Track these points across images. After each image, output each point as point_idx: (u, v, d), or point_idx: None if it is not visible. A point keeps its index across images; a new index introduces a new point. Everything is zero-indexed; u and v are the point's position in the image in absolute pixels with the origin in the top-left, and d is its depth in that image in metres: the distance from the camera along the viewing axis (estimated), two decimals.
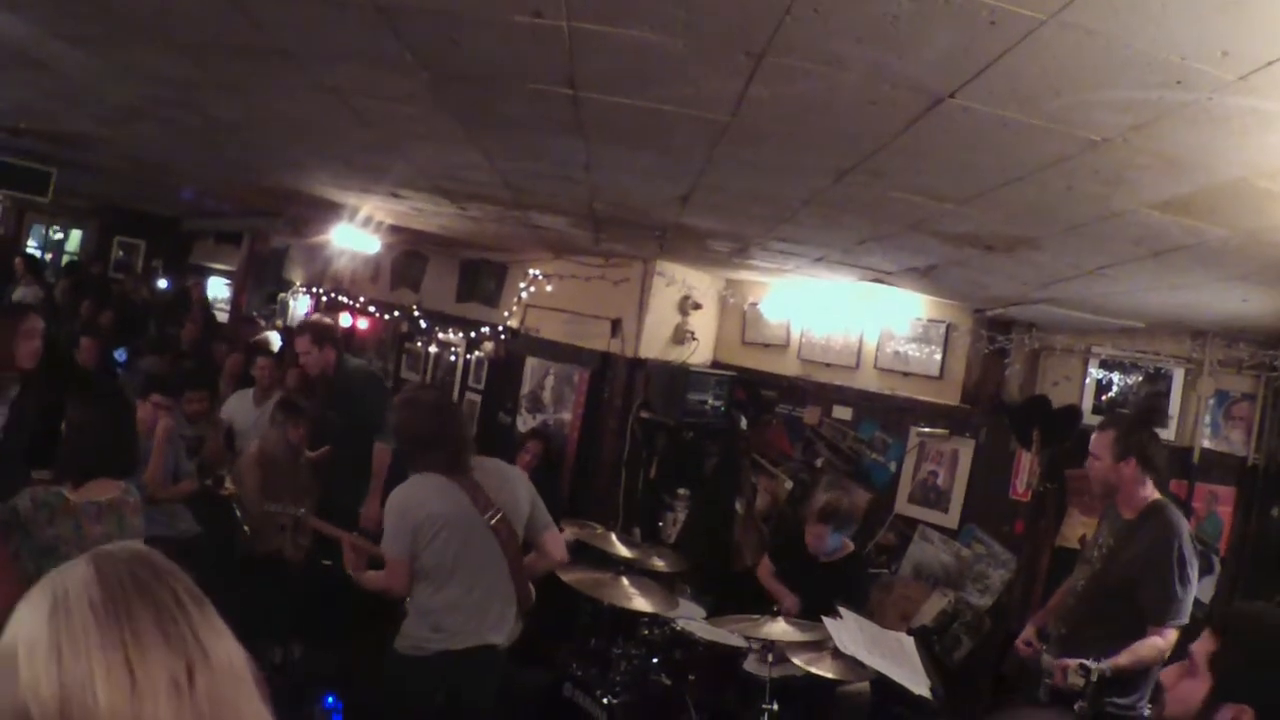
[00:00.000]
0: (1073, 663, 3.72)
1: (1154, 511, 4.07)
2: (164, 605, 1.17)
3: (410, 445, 3.99)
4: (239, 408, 7.45)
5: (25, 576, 3.44)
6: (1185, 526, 4.05)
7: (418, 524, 3.76)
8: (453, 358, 9.43)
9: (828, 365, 7.26)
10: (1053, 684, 3.91)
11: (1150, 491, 4.12)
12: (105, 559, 1.19)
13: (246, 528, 5.71)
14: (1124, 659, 3.77)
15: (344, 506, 5.78)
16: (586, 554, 5.45)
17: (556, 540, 4.22)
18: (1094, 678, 3.63)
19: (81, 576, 1.16)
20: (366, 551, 4.22)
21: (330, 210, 7.53)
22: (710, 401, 7.31)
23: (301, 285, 12.28)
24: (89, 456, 3.68)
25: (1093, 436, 4.29)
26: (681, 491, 7.48)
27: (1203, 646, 1.96)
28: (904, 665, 4.52)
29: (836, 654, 4.52)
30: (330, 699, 4.67)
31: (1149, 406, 5.60)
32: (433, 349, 9.70)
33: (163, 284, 14.22)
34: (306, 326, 6.48)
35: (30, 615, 1.13)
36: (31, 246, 15.79)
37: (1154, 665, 3.87)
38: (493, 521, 3.87)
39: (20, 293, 11.31)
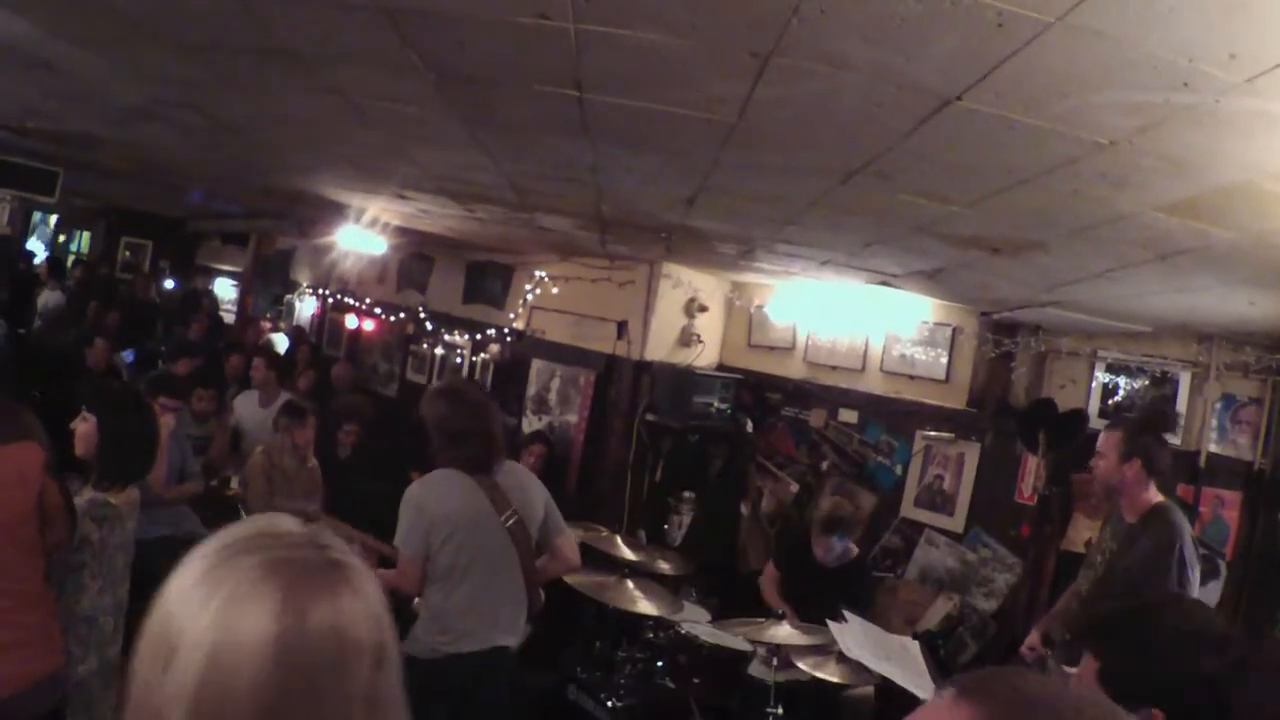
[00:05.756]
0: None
1: (1156, 514, 4.04)
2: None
3: (439, 437, 3.90)
4: (245, 409, 7.47)
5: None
6: (1187, 528, 4.02)
7: (432, 523, 3.69)
8: (458, 359, 9.43)
9: (833, 368, 7.25)
10: None
11: (1153, 495, 4.09)
12: (293, 624, 1.05)
13: None
14: None
15: None
16: (591, 556, 5.43)
17: (569, 545, 4.16)
18: None
19: (256, 641, 1.03)
20: (377, 550, 4.19)
21: (336, 211, 7.53)
22: (716, 404, 7.30)
23: (308, 286, 12.30)
24: (132, 463, 3.74)
25: (1100, 435, 4.28)
26: (687, 494, 7.48)
27: (1088, 669, 1.99)
28: (909, 670, 4.50)
29: (841, 658, 4.51)
30: None
31: (1159, 411, 5.58)
32: (439, 351, 9.71)
33: (169, 285, 14.25)
34: None
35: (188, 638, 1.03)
36: (37, 245, 15.82)
37: None
38: (509, 524, 3.81)
39: (45, 296, 11.39)
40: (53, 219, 16.16)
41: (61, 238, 16.42)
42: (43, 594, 3.28)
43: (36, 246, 15.61)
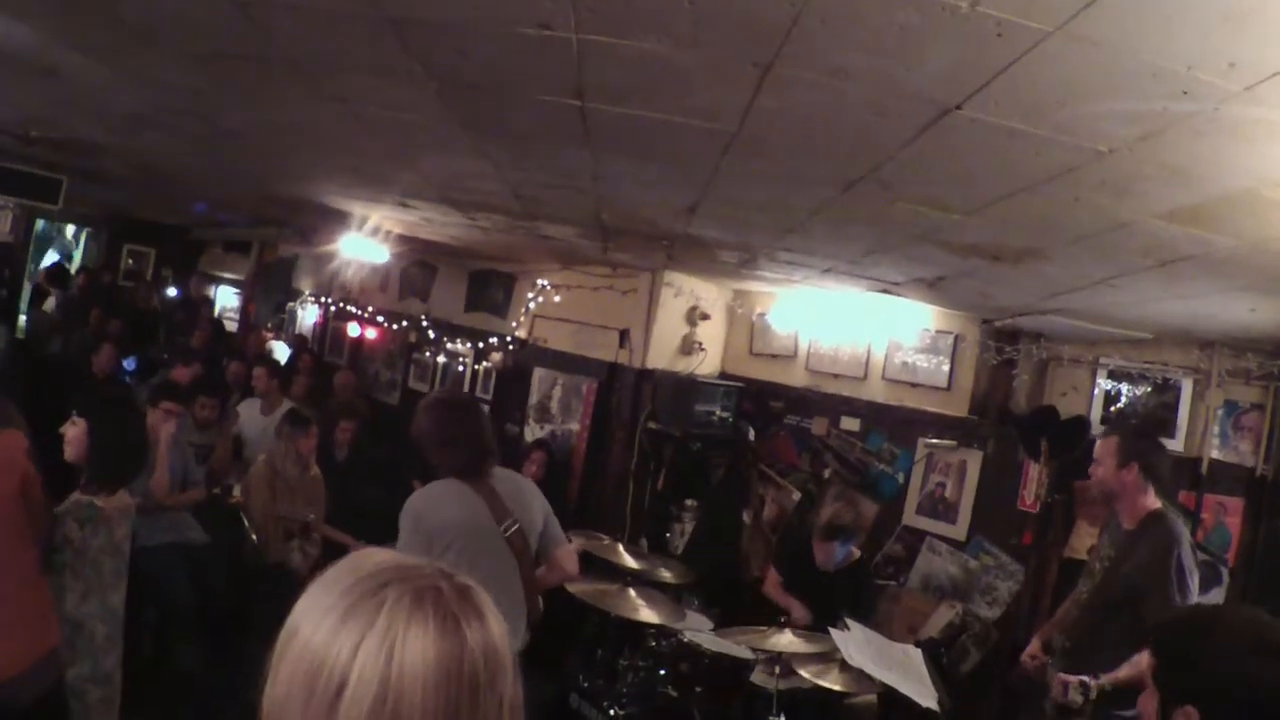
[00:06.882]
0: (1074, 680, 3.72)
1: (1154, 521, 4.05)
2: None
3: (429, 447, 3.90)
4: (247, 417, 7.48)
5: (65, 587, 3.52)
6: (1185, 535, 4.02)
7: (432, 532, 3.67)
8: (461, 368, 9.43)
9: (835, 376, 7.25)
10: (1054, 699, 3.90)
11: (1151, 501, 4.10)
12: (453, 644, 1.12)
13: (254, 537, 5.72)
14: (1124, 671, 3.75)
15: None
16: (594, 565, 5.43)
17: (568, 554, 4.16)
18: (1093, 695, 3.63)
19: (421, 665, 1.09)
20: None
21: (339, 220, 7.55)
22: (718, 412, 7.30)
23: (310, 295, 12.30)
24: (122, 468, 3.75)
25: (1097, 442, 4.28)
26: (689, 502, 7.47)
27: (1150, 664, 2.10)
28: (911, 677, 4.50)
29: (844, 666, 4.51)
30: None
31: (1155, 416, 5.59)
32: (441, 359, 9.71)
33: (172, 292, 14.27)
34: None
35: (355, 664, 1.09)
36: (52, 255, 15.80)
37: None
38: (508, 532, 3.81)
39: (48, 303, 11.44)
40: (70, 228, 16.14)
41: (77, 250, 16.41)
42: (38, 578, 3.32)
43: (51, 257, 15.56)
